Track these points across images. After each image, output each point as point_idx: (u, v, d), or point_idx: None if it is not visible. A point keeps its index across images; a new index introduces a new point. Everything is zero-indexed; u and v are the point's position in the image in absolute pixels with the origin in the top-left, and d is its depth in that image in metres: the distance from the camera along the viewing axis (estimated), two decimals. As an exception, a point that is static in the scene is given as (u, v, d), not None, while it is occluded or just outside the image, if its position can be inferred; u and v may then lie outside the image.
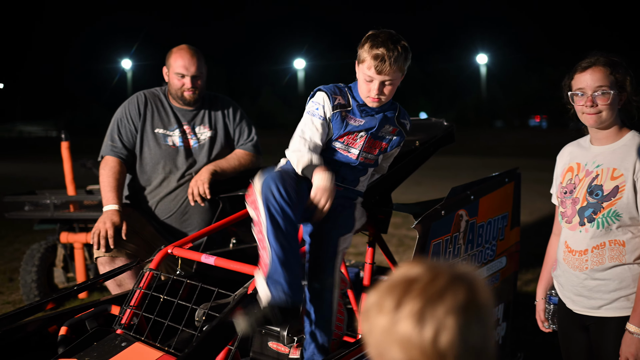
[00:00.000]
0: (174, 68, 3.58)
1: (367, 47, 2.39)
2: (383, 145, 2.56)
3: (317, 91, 2.49)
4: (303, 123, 2.47)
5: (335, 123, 2.45)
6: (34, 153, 33.78)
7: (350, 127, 2.46)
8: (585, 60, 2.39)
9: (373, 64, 2.36)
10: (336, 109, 2.45)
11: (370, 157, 2.54)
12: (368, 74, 2.39)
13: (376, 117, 2.49)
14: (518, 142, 33.12)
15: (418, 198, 8.48)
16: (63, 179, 5.33)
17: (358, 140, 2.48)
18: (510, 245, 3.38)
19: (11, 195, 5.25)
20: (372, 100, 2.44)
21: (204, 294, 2.50)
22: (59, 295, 2.76)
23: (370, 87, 2.41)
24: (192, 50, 3.63)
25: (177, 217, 3.61)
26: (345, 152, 2.48)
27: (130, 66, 61.05)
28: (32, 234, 8.18)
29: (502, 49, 77.63)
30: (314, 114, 2.45)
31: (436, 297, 1.02)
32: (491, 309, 1.09)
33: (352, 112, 2.47)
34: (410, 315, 1.01)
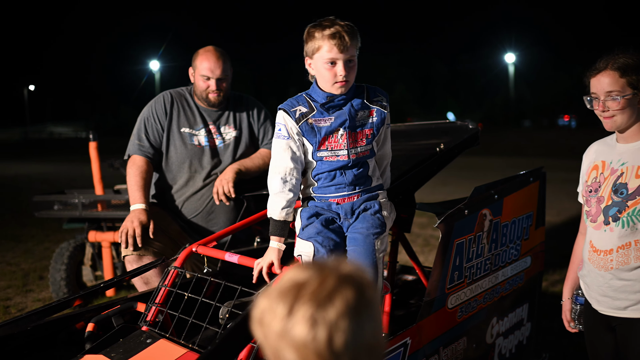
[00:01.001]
0: (199, 70, 3.59)
1: (318, 34, 2.34)
2: (367, 132, 2.46)
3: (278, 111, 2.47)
4: (273, 151, 2.47)
5: (307, 134, 2.40)
6: (63, 153, 34.28)
7: (324, 129, 2.40)
8: (598, 63, 2.36)
9: (333, 43, 2.31)
10: (300, 120, 2.40)
11: (361, 149, 2.45)
12: (329, 56, 2.32)
13: (344, 110, 2.41)
14: (546, 142, 32.76)
15: (444, 198, 8.45)
16: (91, 178, 5.41)
17: (340, 140, 2.41)
18: (535, 245, 3.36)
19: (41, 195, 5.34)
20: (340, 85, 2.36)
21: (228, 291, 2.52)
22: (87, 292, 2.81)
23: (336, 70, 2.34)
24: (219, 53, 3.63)
25: (203, 216, 3.64)
26: (334, 157, 2.42)
27: (158, 67, 61.52)
28: (61, 233, 8.32)
29: (530, 47, 76.80)
30: (278, 136, 2.45)
31: (326, 300, 1.04)
32: (378, 305, 1.12)
33: (319, 114, 2.41)
34: (303, 320, 1.03)
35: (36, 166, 24.23)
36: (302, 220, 2.47)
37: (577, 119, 59.14)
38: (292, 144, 2.42)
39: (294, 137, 2.41)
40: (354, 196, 2.46)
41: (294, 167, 2.43)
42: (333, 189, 2.46)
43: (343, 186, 2.45)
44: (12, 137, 65.96)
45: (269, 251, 2.47)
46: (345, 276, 1.08)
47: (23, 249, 7.57)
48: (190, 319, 2.45)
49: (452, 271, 2.74)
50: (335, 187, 2.45)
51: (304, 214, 2.47)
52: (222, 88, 3.61)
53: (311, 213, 2.45)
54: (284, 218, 2.45)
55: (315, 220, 2.42)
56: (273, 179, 2.45)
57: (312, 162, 2.47)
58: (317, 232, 2.37)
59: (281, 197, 2.43)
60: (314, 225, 2.40)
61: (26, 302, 5.24)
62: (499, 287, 3.10)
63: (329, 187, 2.46)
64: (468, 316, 2.90)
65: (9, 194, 14.10)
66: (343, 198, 2.46)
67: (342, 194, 2.45)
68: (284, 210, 2.44)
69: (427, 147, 3.28)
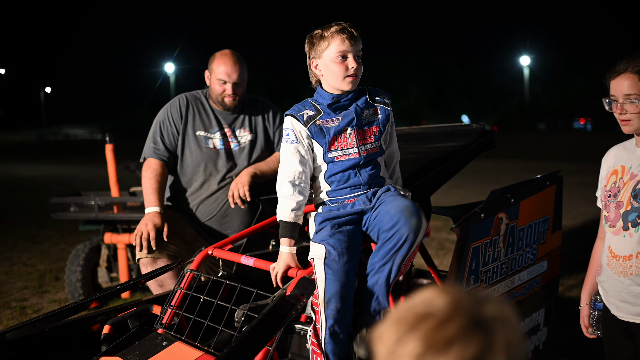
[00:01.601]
0: (216, 74, 3.59)
1: (326, 33, 2.43)
2: (374, 129, 2.51)
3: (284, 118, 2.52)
4: (281, 156, 2.50)
5: (316, 136, 2.44)
6: (79, 155, 34.54)
7: (333, 129, 2.44)
8: (618, 65, 2.34)
9: (344, 37, 2.40)
10: (308, 122, 2.44)
11: (370, 146, 2.49)
12: (341, 49, 2.40)
13: (350, 109, 2.47)
14: (562, 145, 32.59)
15: (459, 201, 8.42)
16: (107, 180, 5.44)
17: (349, 139, 2.45)
18: (552, 249, 3.33)
19: (58, 197, 5.38)
20: (351, 80, 2.43)
21: (243, 294, 2.52)
22: (103, 294, 2.82)
23: (347, 63, 2.41)
24: (235, 57, 3.63)
25: (218, 219, 3.64)
26: (345, 156, 2.46)
27: (173, 70, 61.81)
28: (77, 234, 8.38)
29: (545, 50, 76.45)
30: (286, 141, 2.48)
31: (441, 346, 0.90)
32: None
33: (326, 115, 2.46)
34: (408, 356, 0.91)
35: (52, 168, 24.43)
36: (315, 225, 2.49)
37: (592, 122, 58.78)
38: (300, 148, 2.45)
39: (303, 141, 2.45)
40: (367, 192, 2.48)
41: (303, 170, 2.46)
42: (348, 190, 2.47)
43: (358, 187, 2.46)
44: (28, 139, 66.55)
45: (282, 256, 2.46)
46: (479, 322, 0.92)
47: (39, 250, 7.63)
48: (205, 321, 2.45)
49: (468, 275, 2.72)
50: (350, 188, 2.47)
51: (317, 219, 2.49)
52: (238, 92, 3.62)
53: (324, 217, 2.46)
54: (293, 220, 2.46)
55: (328, 223, 2.43)
56: (282, 183, 2.47)
57: (323, 164, 2.49)
58: (330, 234, 2.38)
59: (291, 199, 2.44)
60: (327, 229, 2.42)
61: (42, 303, 5.28)
62: (515, 292, 3.07)
63: (344, 188, 2.47)
64: (484, 321, 2.88)
65: (25, 195, 14.21)
66: (357, 196, 2.47)
67: (357, 193, 2.47)
68: (294, 212, 2.45)
69: (443, 150, 3.27)
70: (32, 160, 30.96)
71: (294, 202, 2.44)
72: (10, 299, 5.37)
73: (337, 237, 2.37)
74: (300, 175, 2.45)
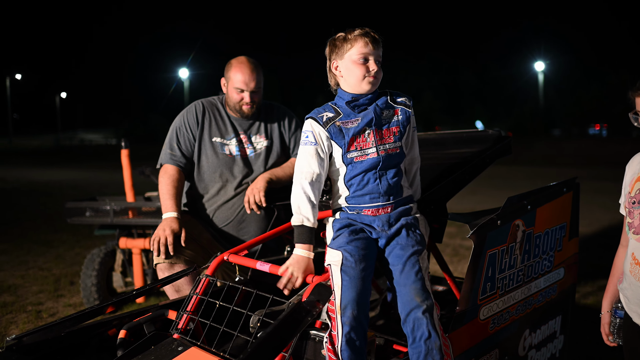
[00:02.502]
0: (233, 82, 3.59)
1: (350, 35, 2.46)
2: (394, 130, 2.49)
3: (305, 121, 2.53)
4: (299, 158, 2.50)
5: (335, 136, 2.44)
6: (94, 160, 34.78)
7: (352, 129, 2.44)
8: None
9: (367, 39, 2.44)
10: (328, 123, 2.45)
11: (389, 146, 2.47)
12: (364, 51, 2.43)
13: (369, 109, 2.47)
14: (577, 151, 32.38)
15: (473, 207, 8.38)
16: (122, 185, 5.48)
17: (368, 139, 2.45)
18: (569, 256, 3.31)
19: (73, 201, 5.41)
20: (370, 80, 2.44)
21: (258, 300, 2.52)
22: (119, 299, 2.83)
23: (368, 65, 2.44)
24: (252, 65, 3.62)
25: (234, 224, 3.65)
26: (364, 156, 2.44)
27: (187, 75, 62.09)
28: (91, 239, 8.44)
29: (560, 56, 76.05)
30: (305, 142, 2.48)
31: None
32: None
33: (345, 117, 2.46)
34: None
35: (67, 172, 24.63)
36: (333, 231, 2.49)
37: (608, 128, 58.35)
38: (319, 150, 2.45)
39: (322, 144, 2.45)
40: (388, 207, 2.46)
41: (320, 172, 2.46)
42: (367, 199, 2.45)
43: (377, 196, 2.45)
44: (44, 143, 67.24)
45: (301, 260, 2.45)
46: None
47: (54, 254, 7.68)
48: (221, 327, 2.45)
49: (485, 282, 2.71)
50: (370, 196, 2.45)
51: (335, 225, 2.49)
52: (255, 100, 3.62)
53: (342, 224, 2.46)
54: (311, 224, 2.45)
55: (346, 230, 2.43)
56: (300, 184, 2.46)
57: (342, 167, 2.48)
58: (347, 241, 2.38)
59: (308, 201, 2.44)
60: (344, 235, 2.42)
61: (57, 307, 5.31)
62: (532, 299, 3.06)
63: (363, 196, 2.45)
64: (500, 328, 2.86)
65: (41, 199, 14.33)
66: (377, 209, 2.46)
67: (376, 204, 2.45)
68: (311, 214, 2.44)
69: (459, 156, 3.26)
70: (48, 164, 31.22)
71: (311, 203, 2.44)
72: (26, 303, 5.41)
73: (355, 244, 2.37)
74: (319, 177, 2.46)
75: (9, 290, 5.87)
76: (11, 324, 4.84)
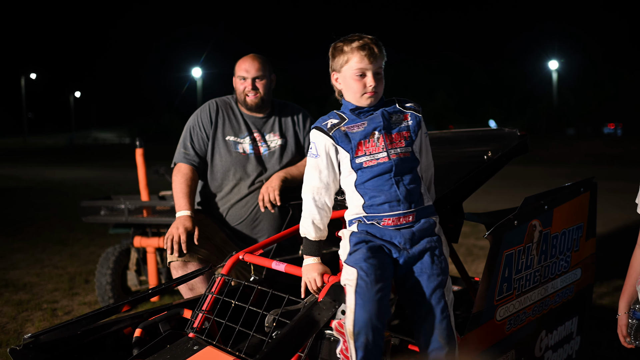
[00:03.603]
0: (236, 73, 3.67)
1: (346, 47, 2.35)
2: (404, 134, 2.38)
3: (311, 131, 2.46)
4: (306, 169, 2.46)
5: (340, 141, 2.35)
6: (108, 159, 34.96)
7: (359, 134, 2.34)
8: None
9: (364, 54, 2.32)
10: (332, 129, 2.36)
11: (401, 150, 2.35)
12: (359, 67, 2.32)
13: (376, 114, 2.38)
14: (591, 150, 32.15)
15: (486, 207, 8.34)
16: (135, 184, 5.49)
17: (377, 143, 2.34)
18: (586, 256, 3.28)
19: (88, 200, 5.43)
20: (369, 95, 2.34)
21: (273, 299, 2.52)
22: (135, 298, 2.83)
23: (365, 81, 2.33)
24: (255, 55, 3.70)
25: (248, 223, 3.65)
26: (374, 161, 2.33)
27: (200, 74, 62.22)
28: (105, 237, 8.48)
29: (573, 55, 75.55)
30: (310, 155, 2.42)
31: None
32: None
33: (351, 121, 2.37)
34: None
35: (81, 171, 24.77)
36: (350, 245, 2.34)
37: (623, 127, 57.91)
38: (320, 163, 2.39)
39: (325, 155, 2.38)
40: (409, 215, 2.33)
41: (321, 186, 2.40)
42: (387, 207, 2.32)
43: (397, 203, 2.32)
44: (58, 142, 67.69)
45: (310, 267, 2.43)
46: None
47: (69, 252, 7.72)
48: (237, 327, 2.45)
49: (501, 283, 2.69)
50: (389, 204, 2.32)
51: (352, 239, 2.35)
52: (258, 87, 3.63)
53: (360, 239, 2.33)
54: (316, 237, 2.42)
55: (364, 246, 2.30)
56: (305, 197, 2.44)
57: (352, 173, 2.37)
58: (364, 258, 2.24)
59: (311, 216, 2.41)
60: (362, 251, 2.28)
61: (72, 305, 5.34)
62: (549, 300, 3.03)
63: (382, 205, 2.33)
64: (517, 329, 2.84)
65: (55, 198, 14.42)
66: (398, 217, 2.32)
67: (396, 212, 2.32)
68: (315, 228, 2.41)
69: (474, 154, 3.23)
70: (62, 163, 31.43)
71: (312, 218, 2.41)
72: (41, 301, 5.44)
73: (372, 262, 2.23)
74: (319, 190, 2.40)
75: (25, 288, 5.91)
76: (27, 321, 4.87)
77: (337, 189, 2.44)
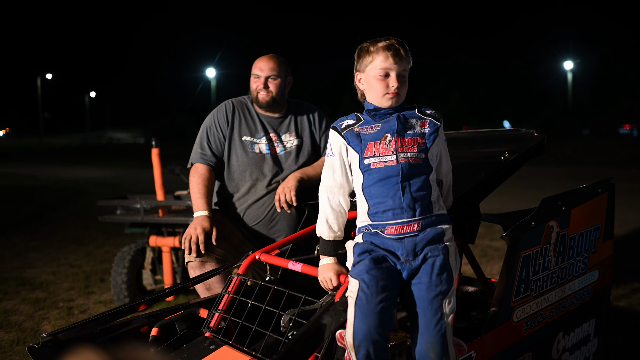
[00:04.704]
0: (252, 71, 3.69)
1: (372, 47, 2.35)
2: (418, 140, 2.31)
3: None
4: (323, 168, 2.46)
5: (351, 141, 2.34)
6: (122, 159, 35.15)
7: (370, 135, 2.31)
8: None
9: (389, 54, 2.31)
10: (346, 129, 2.36)
11: (412, 155, 2.28)
12: (384, 66, 2.31)
13: (393, 117, 2.34)
14: (606, 151, 31.90)
15: (500, 208, 8.31)
16: (149, 183, 5.51)
17: (388, 146, 2.29)
18: (603, 258, 3.26)
19: (105, 200, 5.46)
20: (391, 96, 2.32)
21: (288, 299, 2.52)
22: (153, 296, 2.84)
23: (388, 81, 2.31)
24: (273, 55, 3.71)
25: (265, 223, 3.66)
26: (382, 163, 2.28)
27: (214, 75, 62.36)
28: (121, 236, 8.52)
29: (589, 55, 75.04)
30: (327, 154, 2.44)
31: None
32: None
33: (366, 123, 2.35)
34: None
35: (96, 171, 24.91)
36: (354, 256, 2.31)
37: (639, 127, 57.44)
38: (335, 162, 2.39)
39: (339, 154, 2.38)
40: (413, 224, 2.26)
41: (335, 185, 2.40)
42: (390, 215, 2.27)
43: (400, 211, 2.26)
44: (73, 142, 68.18)
45: (326, 267, 2.42)
46: None
47: (84, 251, 7.77)
48: (253, 326, 2.46)
49: (518, 284, 2.67)
50: (392, 212, 2.27)
51: (356, 249, 2.32)
52: (269, 86, 3.64)
53: (364, 249, 2.29)
54: (331, 237, 2.42)
55: (367, 257, 2.26)
56: (320, 196, 2.45)
57: (359, 175, 2.34)
58: (367, 269, 2.21)
59: (325, 215, 2.41)
60: (364, 263, 2.24)
61: (88, 303, 5.37)
62: (566, 301, 3.01)
63: (386, 212, 2.28)
64: (534, 330, 2.83)
65: (71, 197, 14.51)
66: (402, 226, 2.26)
67: (399, 220, 2.26)
68: (330, 228, 2.41)
69: (491, 155, 3.22)
70: (77, 163, 31.61)
71: (326, 217, 2.41)
72: (57, 299, 5.48)
73: (374, 274, 2.19)
74: (333, 190, 2.40)
75: (41, 287, 5.95)
76: (43, 319, 4.90)
77: (351, 190, 2.43)
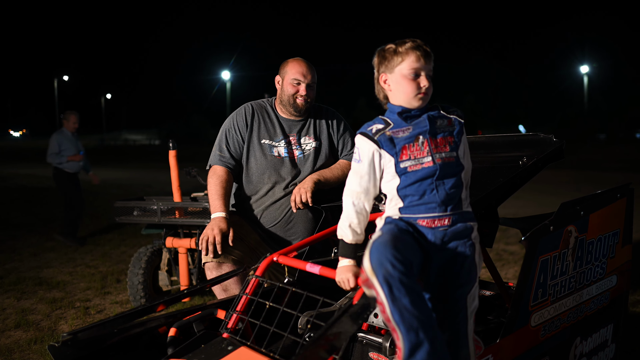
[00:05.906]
0: (290, 75, 3.64)
1: (401, 48, 2.35)
2: (449, 139, 2.36)
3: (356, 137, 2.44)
4: (349, 173, 2.44)
5: (385, 145, 2.32)
6: (137, 160, 35.31)
7: (403, 138, 2.32)
8: None
9: (419, 54, 2.32)
10: (377, 134, 2.34)
11: (446, 155, 2.32)
12: (415, 66, 2.32)
13: (422, 118, 2.35)
14: (623, 156, 31.63)
15: (516, 212, 8.27)
16: (165, 185, 5.56)
17: (422, 148, 2.31)
18: (622, 263, 3.24)
19: (122, 201, 5.50)
20: (421, 97, 2.33)
21: (305, 300, 2.52)
22: (171, 297, 2.86)
23: (419, 81, 2.32)
24: (307, 61, 3.72)
25: (282, 225, 3.67)
26: (419, 165, 2.30)
27: (229, 77, 62.52)
28: (136, 237, 8.58)
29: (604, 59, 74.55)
30: (353, 159, 2.42)
31: None
32: None
33: (396, 126, 2.35)
34: None
35: (111, 172, 25.03)
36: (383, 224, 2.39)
37: (656, 132, 56.97)
38: (361, 168, 2.37)
39: (368, 160, 2.36)
40: (445, 219, 2.30)
41: (361, 191, 2.39)
42: (423, 209, 2.30)
43: (434, 206, 2.29)
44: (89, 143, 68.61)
45: (344, 269, 2.41)
46: None
47: (101, 252, 7.83)
48: (271, 328, 2.46)
49: (536, 288, 2.67)
50: (425, 206, 2.30)
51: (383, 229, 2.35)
52: (310, 95, 3.66)
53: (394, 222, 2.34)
54: (353, 241, 2.42)
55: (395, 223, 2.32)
56: (344, 200, 2.44)
57: (395, 178, 2.35)
58: (390, 227, 2.27)
59: (349, 219, 2.40)
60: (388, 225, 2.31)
61: (104, 304, 5.41)
62: (583, 306, 3.00)
63: (418, 205, 2.31)
64: (551, 335, 2.82)
65: (87, 198, 14.57)
66: (433, 219, 2.30)
67: (432, 215, 2.30)
68: (352, 232, 2.40)
69: (509, 159, 3.21)
70: (93, 164, 31.70)
71: (350, 221, 2.40)
72: (74, 299, 5.53)
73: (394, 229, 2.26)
74: (359, 195, 2.39)
75: (58, 287, 6.01)
76: (61, 319, 4.95)
77: (376, 194, 2.43)
